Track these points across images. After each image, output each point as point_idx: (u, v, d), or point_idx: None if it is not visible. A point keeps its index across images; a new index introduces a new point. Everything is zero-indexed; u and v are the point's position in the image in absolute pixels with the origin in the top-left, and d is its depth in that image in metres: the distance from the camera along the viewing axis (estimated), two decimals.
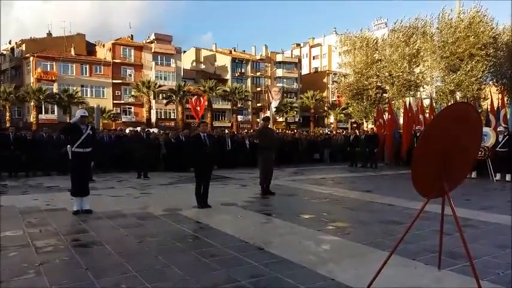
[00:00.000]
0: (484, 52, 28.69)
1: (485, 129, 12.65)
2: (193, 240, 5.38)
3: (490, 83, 32.04)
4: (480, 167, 12.76)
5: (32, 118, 43.51)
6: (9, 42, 55.00)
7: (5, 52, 54.64)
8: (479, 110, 22.46)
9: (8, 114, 42.47)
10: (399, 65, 30.70)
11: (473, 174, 12.89)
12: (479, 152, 11.62)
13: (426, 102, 23.43)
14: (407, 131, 17.84)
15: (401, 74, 30.74)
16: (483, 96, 30.99)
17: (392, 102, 26.41)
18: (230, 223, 6.42)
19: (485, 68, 29.00)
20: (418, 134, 15.52)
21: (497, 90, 31.02)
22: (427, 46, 30.05)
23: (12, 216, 6.86)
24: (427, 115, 18.78)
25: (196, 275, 4.00)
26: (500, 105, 15.76)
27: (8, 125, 34.50)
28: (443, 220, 3.92)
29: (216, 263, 4.38)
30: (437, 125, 3.59)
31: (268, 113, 28.87)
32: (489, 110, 16.09)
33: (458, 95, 30.07)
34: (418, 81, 31.76)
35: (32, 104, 43.18)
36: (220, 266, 4.28)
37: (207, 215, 7.02)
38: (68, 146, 7.15)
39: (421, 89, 32.92)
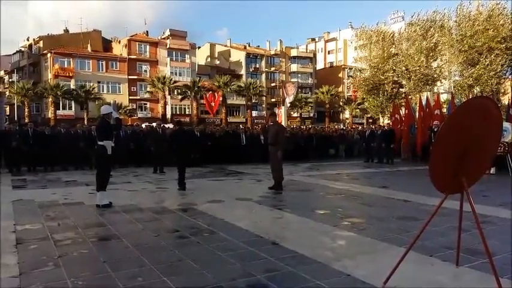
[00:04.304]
0: (503, 46, 28.03)
1: (505, 124, 12.43)
2: (208, 235, 5.40)
3: (510, 77, 31.33)
4: (499, 163, 12.52)
5: (50, 114, 44.28)
6: (27, 39, 55.91)
7: (23, 49, 55.59)
8: (499, 105, 22.03)
9: (26, 110, 43.28)
10: (416, 59, 30.25)
11: (492, 170, 12.65)
12: (499, 148, 11.40)
13: (443, 97, 23.09)
14: (422, 126, 17.64)
15: (418, 68, 30.29)
16: (502, 90, 30.37)
17: (409, 97, 26.10)
18: (245, 218, 6.43)
19: (505, 61, 28.36)
20: (435, 129, 15.29)
21: None
22: (445, 40, 29.51)
23: (31, 210, 7.00)
24: (445, 110, 18.54)
25: (211, 268, 4.02)
26: None
27: (26, 120, 35.19)
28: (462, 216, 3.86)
29: (231, 257, 4.40)
30: (456, 119, 3.52)
31: (282, 109, 28.73)
32: (509, 104, 15.77)
33: (476, 89, 29.51)
34: (435, 76, 31.26)
35: (50, 100, 43.89)
36: (236, 260, 4.30)
37: (222, 209, 7.06)
38: (108, 141, 7.24)
39: (439, 84, 32.42)
